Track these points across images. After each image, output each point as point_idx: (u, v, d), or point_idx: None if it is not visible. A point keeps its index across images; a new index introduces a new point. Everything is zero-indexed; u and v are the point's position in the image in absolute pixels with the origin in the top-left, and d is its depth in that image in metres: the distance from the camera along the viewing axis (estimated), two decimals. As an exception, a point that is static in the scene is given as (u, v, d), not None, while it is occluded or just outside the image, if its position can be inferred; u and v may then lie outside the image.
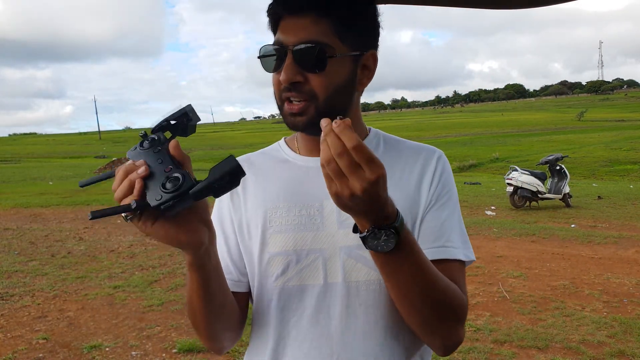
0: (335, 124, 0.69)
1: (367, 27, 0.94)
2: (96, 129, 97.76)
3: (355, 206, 0.72)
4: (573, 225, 8.77)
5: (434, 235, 0.92)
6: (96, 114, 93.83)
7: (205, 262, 0.80)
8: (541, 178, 10.93)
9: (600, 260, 6.28)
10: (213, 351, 0.99)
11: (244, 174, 0.65)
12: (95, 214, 0.66)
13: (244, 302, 0.99)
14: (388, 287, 0.84)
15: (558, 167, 11.19)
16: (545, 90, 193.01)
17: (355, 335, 0.91)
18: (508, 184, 10.81)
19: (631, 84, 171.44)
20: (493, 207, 10.96)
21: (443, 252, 0.91)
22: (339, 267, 0.92)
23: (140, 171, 0.69)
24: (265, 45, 0.92)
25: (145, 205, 0.66)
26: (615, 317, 4.32)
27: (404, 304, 0.84)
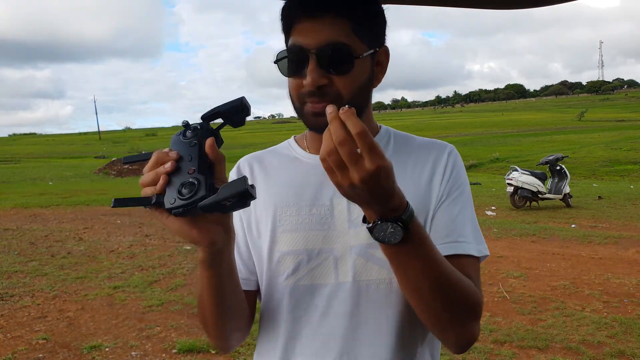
0: (341, 110, 0.68)
1: (379, 24, 0.93)
2: (96, 129, 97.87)
3: (357, 196, 0.70)
4: (573, 226, 8.77)
5: (446, 231, 0.91)
6: (96, 114, 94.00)
7: (216, 263, 0.80)
8: (541, 178, 10.93)
9: (601, 260, 6.28)
10: (219, 349, 0.99)
11: (253, 198, 0.64)
12: (118, 203, 0.70)
13: (253, 301, 0.99)
14: (399, 281, 0.82)
15: (558, 167, 11.19)
16: (546, 91, 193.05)
17: (365, 334, 0.90)
18: (508, 184, 10.81)
19: (631, 84, 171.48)
20: (493, 207, 10.96)
21: (455, 248, 0.90)
22: (350, 267, 0.91)
23: (167, 166, 0.69)
24: (283, 50, 0.90)
25: (161, 204, 0.68)
26: (616, 318, 4.32)
27: (415, 299, 0.82)
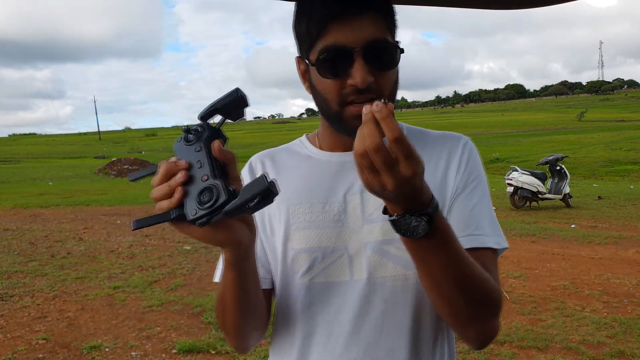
0: (376, 107, 0.64)
1: (396, 21, 0.94)
2: (96, 130, 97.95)
3: (386, 196, 0.69)
4: (573, 226, 8.77)
5: (463, 224, 0.90)
6: (96, 114, 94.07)
7: (243, 262, 0.79)
8: (541, 178, 10.93)
9: (601, 260, 6.28)
10: (238, 349, 0.99)
11: (276, 194, 0.63)
12: (138, 224, 0.67)
13: (269, 300, 0.99)
14: (421, 276, 0.80)
15: (558, 168, 11.19)
16: (546, 91, 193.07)
17: (381, 331, 0.90)
18: (508, 184, 10.81)
19: (631, 84, 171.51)
20: (493, 208, 10.94)
21: (473, 241, 0.89)
22: (364, 264, 0.90)
23: (179, 178, 0.66)
24: (321, 51, 0.86)
25: (182, 217, 0.66)
26: (615, 318, 4.32)
27: (437, 295, 0.81)
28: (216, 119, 0.73)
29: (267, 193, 0.62)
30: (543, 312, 4.51)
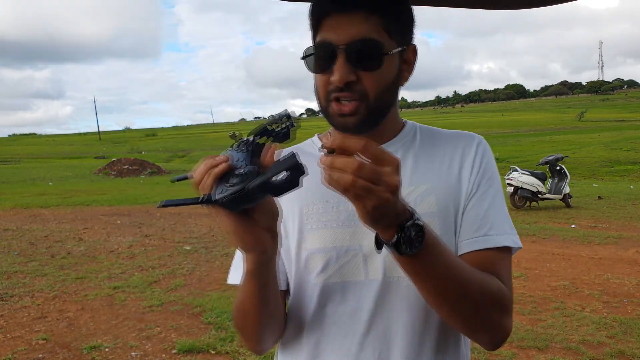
0: (324, 158, 0.66)
1: (408, 22, 0.93)
2: (96, 130, 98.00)
3: (382, 214, 0.69)
4: (573, 226, 8.77)
5: (477, 225, 0.90)
6: (96, 114, 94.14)
7: (265, 272, 0.80)
8: (541, 178, 10.93)
9: (601, 260, 6.28)
10: (255, 352, 0.99)
11: (303, 173, 0.63)
12: (166, 203, 0.69)
13: (285, 301, 0.99)
14: (423, 293, 0.82)
15: (558, 168, 11.19)
16: (546, 91, 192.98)
17: (396, 330, 0.90)
18: (508, 184, 10.81)
19: (631, 84, 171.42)
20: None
21: (486, 242, 0.89)
22: (380, 263, 0.90)
23: (217, 168, 0.70)
24: (311, 46, 0.90)
25: (209, 199, 0.68)
26: (615, 318, 4.32)
27: (440, 307, 0.82)
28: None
29: (295, 168, 0.63)
30: (543, 312, 4.51)
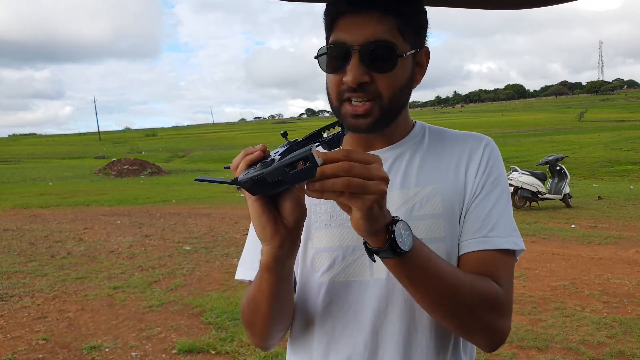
0: (315, 186, 0.67)
1: (422, 24, 0.93)
2: (96, 130, 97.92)
3: (375, 214, 0.71)
4: (573, 226, 8.77)
5: (478, 225, 0.90)
6: (96, 114, 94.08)
7: (278, 268, 0.81)
8: (541, 178, 10.93)
9: (601, 260, 6.28)
10: (261, 348, 1.00)
11: (316, 165, 0.65)
12: (200, 179, 0.77)
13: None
14: (416, 297, 0.83)
15: (558, 168, 11.19)
16: (546, 91, 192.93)
17: (400, 329, 0.90)
18: (508, 184, 10.80)
19: (631, 84, 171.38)
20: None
21: (485, 243, 0.89)
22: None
23: (251, 154, 0.73)
24: (325, 45, 0.90)
25: (235, 180, 0.72)
26: (615, 318, 4.32)
27: (433, 308, 0.84)
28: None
29: (307, 159, 0.65)
30: (543, 312, 4.51)
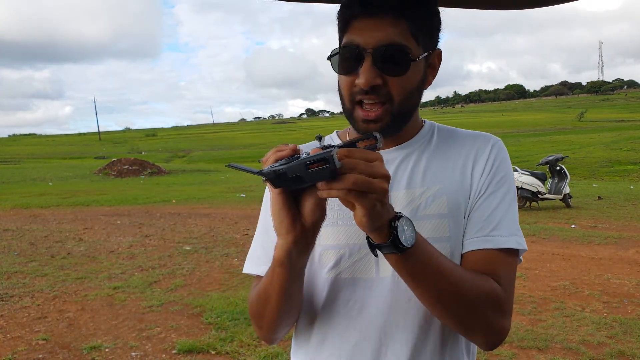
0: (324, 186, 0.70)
1: (435, 26, 0.93)
2: (96, 130, 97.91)
3: (380, 210, 0.72)
4: (573, 226, 8.77)
5: (481, 224, 0.91)
6: (96, 114, 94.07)
7: (291, 264, 0.82)
8: (541, 178, 10.93)
9: (601, 260, 6.28)
10: (267, 342, 1.01)
11: (335, 167, 0.67)
12: (231, 166, 0.83)
13: None
14: (417, 293, 0.84)
15: (558, 168, 11.19)
16: (546, 91, 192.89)
17: (404, 327, 0.91)
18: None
19: (631, 84, 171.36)
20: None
21: (487, 242, 0.90)
22: None
23: (282, 151, 0.75)
24: (338, 47, 0.90)
25: (260, 172, 0.75)
26: (616, 318, 4.31)
27: (434, 305, 0.84)
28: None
29: (326, 160, 0.67)
30: (543, 312, 4.51)
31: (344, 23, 0.90)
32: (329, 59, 0.92)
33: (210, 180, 22.20)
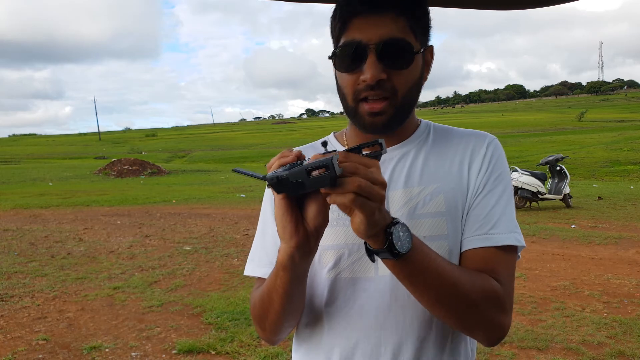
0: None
1: (428, 23, 0.95)
2: (95, 130, 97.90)
3: (378, 216, 0.73)
4: (573, 226, 8.77)
5: (479, 223, 0.92)
6: (96, 114, 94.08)
7: (294, 268, 0.83)
8: (541, 178, 10.93)
9: (601, 260, 6.28)
10: (269, 342, 1.02)
11: (335, 174, 0.68)
12: (236, 170, 0.85)
13: None
14: (416, 295, 0.85)
15: (558, 168, 11.19)
16: (546, 91, 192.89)
17: (403, 325, 0.92)
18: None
19: (631, 84, 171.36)
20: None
21: (486, 240, 0.91)
22: None
23: (286, 157, 0.76)
24: (340, 45, 0.91)
25: (264, 177, 0.77)
26: (616, 318, 4.31)
27: (434, 306, 0.85)
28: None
29: (327, 166, 0.68)
30: (543, 313, 4.51)
31: (343, 22, 0.90)
32: (331, 57, 0.93)
33: (211, 180, 22.19)
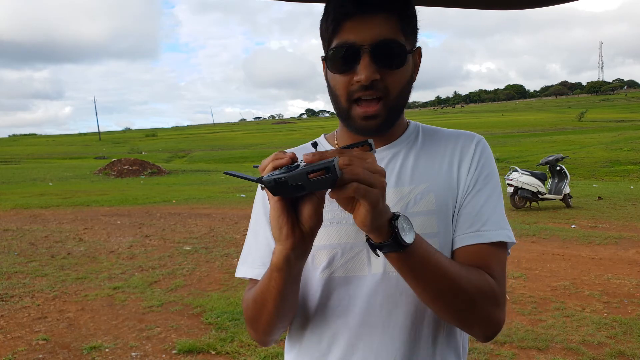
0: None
1: (416, 23, 0.97)
2: (95, 130, 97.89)
3: (379, 206, 0.74)
4: (573, 226, 8.77)
5: (470, 221, 0.94)
6: (96, 114, 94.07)
7: (288, 269, 0.83)
8: (541, 179, 10.93)
9: (601, 260, 6.28)
10: (261, 344, 1.02)
11: (336, 176, 0.68)
12: (228, 173, 0.83)
13: None
14: (416, 290, 0.86)
15: (558, 168, 11.19)
16: (546, 91, 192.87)
17: (397, 323, 0.93)
18: (508, 184, 10.81)
19: (631, 84, 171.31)
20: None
21: (478, 237, 0.92)
22: (382, 259, 0.93)
23: (281, 160, 0.76)
24: (333, 47, 0.92)
25: (259, 179, 0.76)
26: (616, 318, 4.31)
27: (432, 301, 0.86)
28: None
29: (328, 169, 0.68)
30: (543, 313, 4.51)
31: (336, 24, 0.91)
32: (324, 59, 0.94)
33: (211, 180, 22.19)
